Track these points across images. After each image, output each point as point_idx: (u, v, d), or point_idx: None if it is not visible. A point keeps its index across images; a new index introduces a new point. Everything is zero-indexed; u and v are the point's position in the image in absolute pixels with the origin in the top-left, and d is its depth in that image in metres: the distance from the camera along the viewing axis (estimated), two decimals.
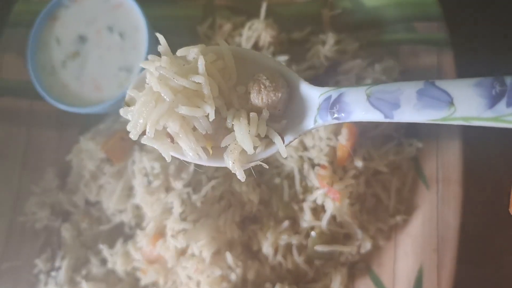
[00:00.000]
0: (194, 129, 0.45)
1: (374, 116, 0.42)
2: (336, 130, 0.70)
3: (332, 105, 0.44)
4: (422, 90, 0.39)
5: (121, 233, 0.78)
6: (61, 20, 0.81)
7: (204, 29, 0.86)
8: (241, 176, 0.47)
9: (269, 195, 0.73)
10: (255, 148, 0.45)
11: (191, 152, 0.46)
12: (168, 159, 0.47)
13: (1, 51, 0.88)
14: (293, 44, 0.83)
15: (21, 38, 0.85)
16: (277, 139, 0.46)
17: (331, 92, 0.45)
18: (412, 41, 0.78)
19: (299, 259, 0.70)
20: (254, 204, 0.72)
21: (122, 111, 0.47)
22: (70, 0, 0.81)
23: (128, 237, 0.77)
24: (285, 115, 0.48)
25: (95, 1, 0.81)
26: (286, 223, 0.70)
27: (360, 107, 0.42)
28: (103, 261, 0.77)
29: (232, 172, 0.48)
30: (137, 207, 0.76)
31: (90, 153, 0.79)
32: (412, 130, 0.75)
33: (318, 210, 0.71)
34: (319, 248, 0.69)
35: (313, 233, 0.70)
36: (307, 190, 0.71)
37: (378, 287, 0.71)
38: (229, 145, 0.46)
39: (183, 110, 0.43)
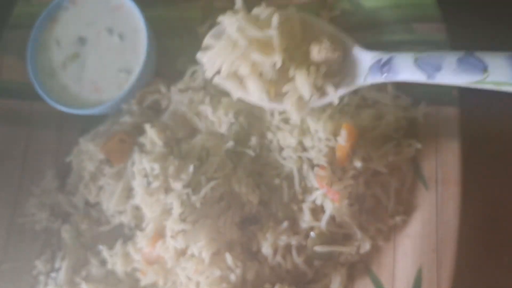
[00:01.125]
0: (261, 74, 0.55)
1: (418, 76, 0.49)
2: (335, 131, 0.70)
3: (382, 66, 0.52)
4: (462, 58, 0.46)
5: (120, 234, 0.78)
6: (61, 22, 0.82)
7: (204, 31, 0.86)
8: (296, 117, 0.58)
9: (268, 196, 0.73)
10: (311, 95, 0.55)
11: (256, 93, 0.56)
12: (234, 98, 0.58)
13: (1, 52, 0.89)
14: None
15: (21, 40, 0.85)
16: (331, 89, 0.55)
17: (382, 55, 0.53)
18: (411, 42, 0.79)
19: (298, 259, 0.71)
20: (254, 205, 0.72)
21: (199, 55, 0.58)
22: (69, 2, 0.82)
23: (128, 238, 0.77)
24: (339, 73, 0.57)
25: (94, 3, 0.81)
26: (285, 224, 0.70)
27: (408, 68, 0.50)
28: (103, 262, 0.77)
29: (289, 114, 0.59)
30: (137, 208, 0.76)
31: (89, 155, 0.79)
32: (411, 131, 0.76)
33: (317, 211, 0.71)
34: (319, 248, 0.69)
35: (312, 234, 0.70)
36: (306, 190, 0.71)
37: (378, 287, 0.71)
38: (289, 91, 0.55)
39: (255, 56, 0.53)
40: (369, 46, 0.81)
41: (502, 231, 0.78)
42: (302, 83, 0.54)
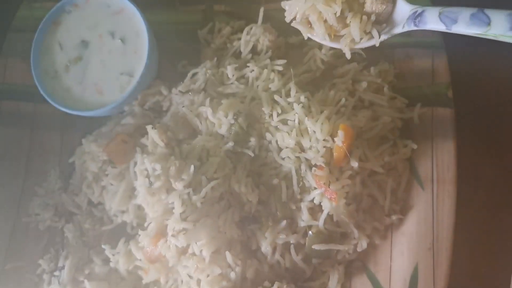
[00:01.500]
0: (325, 20, 0.69)
1: (440, 27, 0.60)
2: (332, 132, 0.71)
3: (416, 17, 0.64)
4: (474, 14, 0.57)
5: (123, 233, 0.79)
6: (63, 25, 0.83)
7: (204, 34, 0.88)
8: (348, 54, 0.71)
9: (267, 195, 0.74)
10: (361, 38, 0.68)
11: (320, 35, 0.70)
12: (306, 37, 0.72)
13: (5, 55, 0.90)
14: (291, 48, 0.85)
15: (24, 43, 0.86)
16: (375, 34, 0.68)
17: (418, 8, 0.64)
18: (406, 44, 0.80)
19: (297, 257, 0.72)
20: (253, 205, 0.73)
21: (283, 3, 0.73)
22: (72, 5, 0.83)
23: (130, 237, 0.78)
24: (385, 21, 0.69)
25: (96, 7, 0.82)
26: (284, 223, 0.71)
27: (433, 20, 0.61)
28: (106, 261, 0.78)
29: (344, 52, 0.72)
30: (139, 208, 0.77)
31: (92, 155, 0.80)
32: (407, 131, 0.77)
33: (315, 210, 0.72)
34: (317, 247, 0.70)
35: (310, 233, 0.71)
36: (304, 190, 0.72)
37: (375, 285, 0.72)
38: (345, 34, 0.69)
39: (320, 7, 0.67)
40: (365, 48, 0.83)
41: (496, 230, 0.79)
42: (354, 28, 0.67)
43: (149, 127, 0.76)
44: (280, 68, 0.78)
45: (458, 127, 0.74)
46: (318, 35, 0.71)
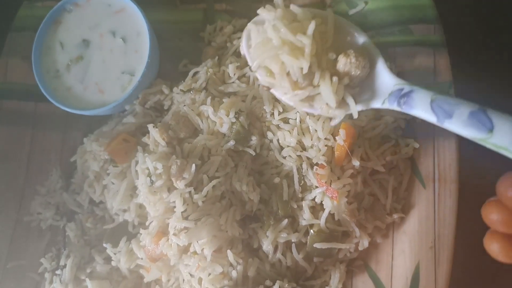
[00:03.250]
0: (288, 73, 0.59)
1: (430, 117, 0.51)
2: (334, 130, 0.71)
3: (402, 96, 0.54)
4: (474, 112, 0.47)
5: (124, 232, 0.79)
6: (64, 24, 0.83)
7: (207, 34, 0.88)
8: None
9: (269, 194, 0.74)
10: (337, 104, 0.58)
11: (282, 88, 0.60)
12: (262, 84, 0.63)
13: (7, 55, 0.90)
14: None
15: (25, 42, 0.87)
16: (351, 102, 0.58)
17: (405, 85, 0.54)
18: (408, 43, 0.80)
19: (298, 256, 0.72)
20: (254, 203, 0.73)
21: (241, 49, 0.66)
22: (73, 5, 0.83)
23: (132, 236, 0.78)
24: (362, 85, 0.60)
25: (97, 6, 0.82)
26: (285, 222, 0.71)
27: (423, 107, 0.52)
28: (107, 260, 0.78)
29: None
30: (140, 207, 0.77)
31: (94, 154, 0.80)
32: (409, 131, 0.77)
33: (316, 209, 0.72)
34: (318, 245, 0.70)
35: (311, 231, 0.71)
36: (306, 189, 0.72)
37: (376, 283, 0.72)
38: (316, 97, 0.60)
39: (285, 58, 0.56)
40: None
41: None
42: (327, 92, 0.58)
43: (150, 126, 0.76)
44: None
45: None
46: (279, 88, 0.62)
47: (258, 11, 0.63)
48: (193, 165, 0.71)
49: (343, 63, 0.58)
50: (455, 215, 0.70)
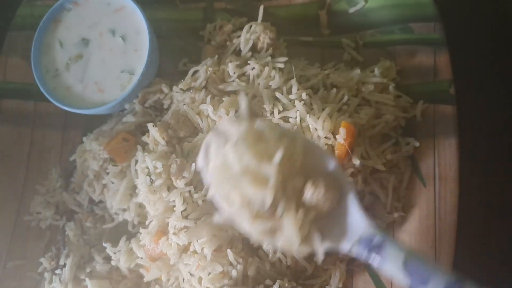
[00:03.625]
0: (249, 202, 0.51)
1: (403, 279, 0.46)
2: (334, 129, 0.71)
3: (373, 247, 0.49)
4: (452, 283, 0.45)
5: (124, 232, 0.79)
6: (64, 23, 0.83)
7: (207, 33, 0.88)
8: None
9: None
10: (300, 241, 0.51)
11: (241, 217, 0.52)
12: (217, 221, 0.55)
13: (6, 54, 0.90)
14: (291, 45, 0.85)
15: (25, 41, 0.86)
16: (317, 240, 0.51)
17: (378, 235, 0.49)
18: (408, 41, 0.80)
19: (298, 255, 0.71)
20: None
21: (198, 160, 0.56)
22: (72, 3, 0.83)
23: (131, 235, 0.78)
24: (327, 219, 0.52)
25: (97, 5, 0.82)
26: None
27: (395, 265, 0.47)
28: (107, 259, 0.78)
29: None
30: (140, 206, 0.77)
31: (93, 154, 0.80)
32: (409, 129, 0.77)
33: None
34: None
35: None
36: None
37: (376, 283, 0.72)
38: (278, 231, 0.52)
39: (246, 189, 0.50)
40: (367, 46, 0.83)
41: (498, 227, 0.79)
42: (290, 228, 0.51)
43: (150, 125, 0.76)
44: (282, 66, 0.78)
45: (460, 124, 0.73)
46: (239, 220, 0.53)
47: (218, 125, 0.56)
48: (193, 164, 0.71)
49: (311, 194, 0.51)
50: (455, 214, 0.70)
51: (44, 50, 0.82)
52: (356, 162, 0.70)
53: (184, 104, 0.77)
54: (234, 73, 0.78)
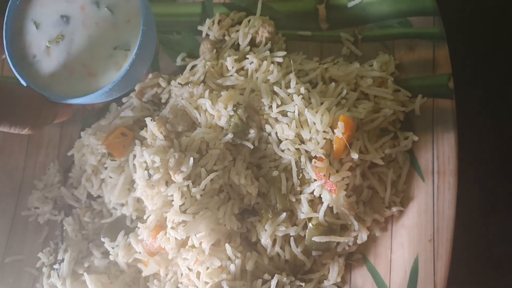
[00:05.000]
0: None
1: None
2: (332, 123, 0.71)
3: None
4: None
5: (122, 226, 0.79)
6: (36, 1, 0.68)
7: (206, 28, 0.87)
8: None
9: (267, 187, 0.74)
10: None
11: None
12: None
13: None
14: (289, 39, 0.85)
15: None
16: None
17: None
18: (407, 35, 0.79)
19: (297, 250, 0.71)
20: (253, 197, 0.73)
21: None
22: None
23: (130, 230, 0.78)
24: None
25: None
26: (284, 215, 0.71)
27: None
28: (105, 254, 0.78)
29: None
30: (138, 201, 0.77)
31: (91, 148, 0.80)
32: (407, 123, 0.77)
33: (315, 202, 0.72)
34: (317, 239, 0.70)
35: (310, 225, 0.71)
36: (304, 182, 0.72)
37: (375, 277, 0.72)
38: None
39: None
40: (366, 39, 0.83)
41: (496, 221, 0.79)
42: None
43: (148, 120, 0.75)
44: (280, 60, 0.78)
45: (458, 119, 0.73)
46: None
47: None
48: (191, 159, 0.71)
49: None
50: (454, 208, 0.70)
51: (17, 35, 0.67)
52: (355, 156, 0.70)
53: (182, 99, 0.77)
54: (233, 67, 0.78)
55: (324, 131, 0.70)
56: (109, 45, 0.66)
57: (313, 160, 0.70)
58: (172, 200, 0.71)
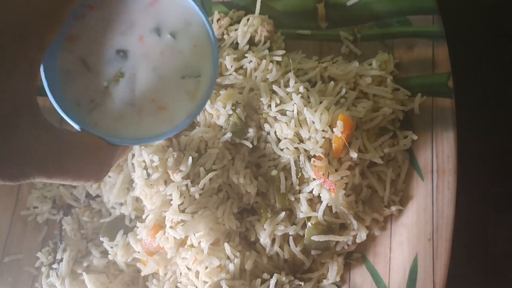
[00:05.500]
0: None
1: None
2: (332, 122, 0.71)
3: None
4: None
5: (121, 226, 0.78)
6: (82, 37, 0.54)
7: None
8: None
9: (266, 187, 0.74)
10: None
11: None
12: None
13: None
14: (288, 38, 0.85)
15: None
16: None
17: None
18: (407, 34, 0.79)
19: (296, 249, 0.71)
20: (252, 196, 0.73)
21: None
22: (85, 8, 0.54)
23: (129, 230, 0.78)
24: None
25: (121, 2, 0.55)
26: (283, 214, 0.71)
27: None
28: (104, 253, 0.78)
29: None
30: (137, 200, 0.77)
31: None
32: (407, 122, 0.76)
33: (314, 201, 0.72)
34: (316, 238, 0.69)
35: (309, 224, 0.71)
36: (303, 181, 0.72)
37: (374, 276, 0.72)
38: None
39: None
40: (365, 38, 0.82)
41: (495, 220, 0.79)
42: None
43: None
44: (279, 59, 0.78)
45: (458, 118, 0.73)
46: None
47: None
48: (190, 158, 0.70)
49: None
50: (453, 207, 0.69)
51: (66, 81, 0.54)
52: (354, 155, 0.70)
53: None
54: (231, 66, 0.78)
55: (323, 130, 0.70)
56: (178, 74, 0.57)
57: (312, 159, 0.70)
58: (171, 200, 0.71)
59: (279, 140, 0.73)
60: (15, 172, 0.39)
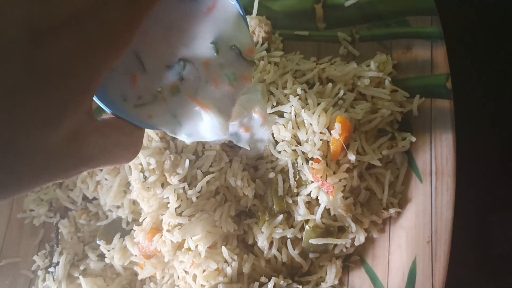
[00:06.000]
0: None
1: None
2: (329, 124, 0.70)
3: None
4: None
5: (118, 229, 0.78)
6: (141, 37, 0.45)
7: None
8: None
9: (263, 189, 0.73)
10: None
11: None
12: None
13: None
14: (286, 39, 0.84)
15: None
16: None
17: None
18: (405, 35, 0.79)
19: (294, 252, 0.71)
20: (249, 199, 0.72)
21: None
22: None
23: (126, 233, 0.77)
24: None
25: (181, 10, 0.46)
26: (280, 217, 0.71)
27: None
28: (101, 257, 0.78)
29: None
30: (134, 203, 0.76)
31: None
32: (405, 124, 0.76)
33: (312, 204, 0.71)
34: (314, 241, 0.69)
35: (307, 227, 0.70)
36: (301, 184, 0.71)
37: (373, 279, 0.72)
38: None
39: None
40: (363, 39, 0.82)
41: (494, 222, 0.79)
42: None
43: None
44: (277, 60, 0.77)
45: (457, 119, 0.73)
46: None
47: None
48: (187, 160, 0.70)
49: None
50: (452, 209, 0.69)
51: (111, 74, 0.47)
52: (352, 157, 0.69)
53: None
54: None
55: (321, 132, 0.69)
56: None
57: (310, 161, 0.70)
58: (168, 203, 0.70)
59: (276, 142, 0.73)
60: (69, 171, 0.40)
